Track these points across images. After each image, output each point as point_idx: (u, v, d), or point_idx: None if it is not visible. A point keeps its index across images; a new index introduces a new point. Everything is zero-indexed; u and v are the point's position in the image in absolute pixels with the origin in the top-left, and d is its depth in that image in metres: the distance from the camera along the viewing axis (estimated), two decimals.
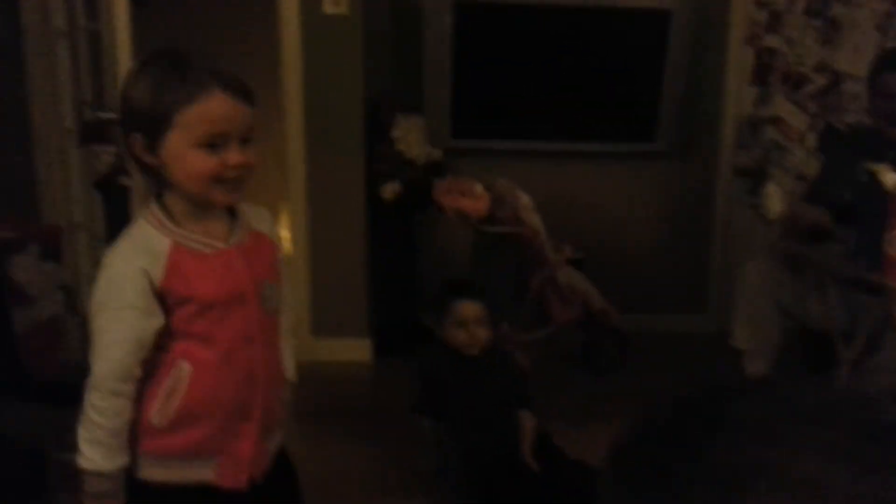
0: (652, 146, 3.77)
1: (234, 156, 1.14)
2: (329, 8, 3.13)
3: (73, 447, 2.10)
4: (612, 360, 3.22)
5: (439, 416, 2.13)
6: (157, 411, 1.19)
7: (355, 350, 3.31)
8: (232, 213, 1.25)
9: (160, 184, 1.20)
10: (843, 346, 2.45)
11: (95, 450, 1.15)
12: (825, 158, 2.87)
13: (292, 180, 3.28)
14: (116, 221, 2.82)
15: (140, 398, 1.19)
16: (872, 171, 2.12)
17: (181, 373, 1.18)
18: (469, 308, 2.14)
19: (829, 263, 2.36)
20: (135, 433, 1.21)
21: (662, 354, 3.49)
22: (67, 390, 1.99)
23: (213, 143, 1.13)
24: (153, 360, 1.18)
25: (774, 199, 3.20)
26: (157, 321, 1.16)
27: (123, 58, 2.68)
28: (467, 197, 3.06)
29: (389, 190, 3.36)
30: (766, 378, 2.78)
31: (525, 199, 3.06)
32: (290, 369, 1.39)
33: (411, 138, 3.45)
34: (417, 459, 2.42)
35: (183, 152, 1.13)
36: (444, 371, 2.16)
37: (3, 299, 1.93)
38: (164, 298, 1.16)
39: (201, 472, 1.22)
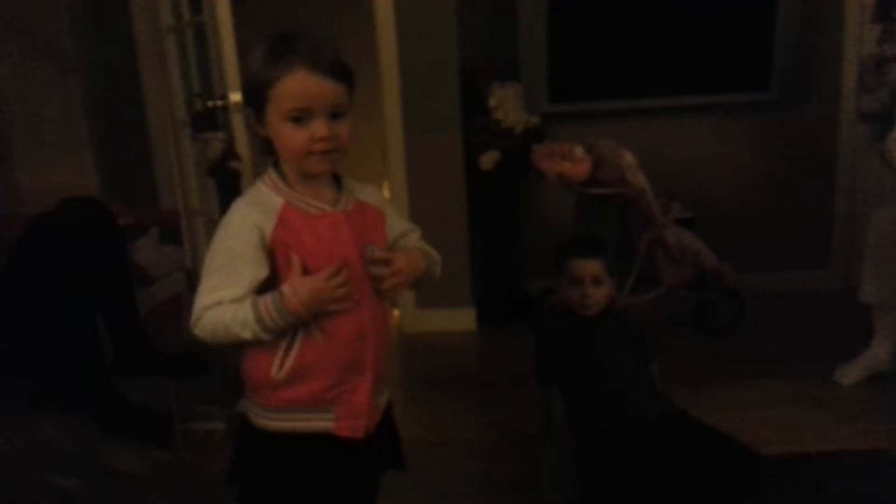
0: (765, 95, 3.56)
1: (319, 129, 1.21)
2: None
3: (197, 415, 2.24)
4: (728, 322, 3.08)
5: (557, 380, 2.05)
6: (276, 366, 1.26)
7: (460, 320, 3.33)
8: (339, 183, 1.32)
9: (274, 154, 1.29)
10: None
11: (246, 324, 1.21)
12: None
13: (391, 156, 3.32)
14: (230, 204, 2.95)
15: (260, 355, 1.27)
16: None
17: (296, 330, 1.24)
18: (583, 265, 2.00)
19: None
20: (258, 385, 1.30)
21: (782, 314, 3.32)
22: (190, 363, 2.12)
23: (299, 117, 1.21)
24: None
25: None
26: (262, 273, 1.22)
27: (228, 49, 2.78)
28: (568, 160, 3.00)
29: (488, 160, 3.34)
30: None
31: (629, 159, 2.96)
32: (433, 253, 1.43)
33: (508, 106, 3.40)
34: (523, 425, 2.42)
35: (277, 125, 1.22)
36: (559, 335, 2.05)
37: (128, 279, 2.06)
38: (273, 251, 1.22)
39: (321, 422, 1.29)
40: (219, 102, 2.92)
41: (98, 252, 1.91)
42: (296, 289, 1.21)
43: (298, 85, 1.19)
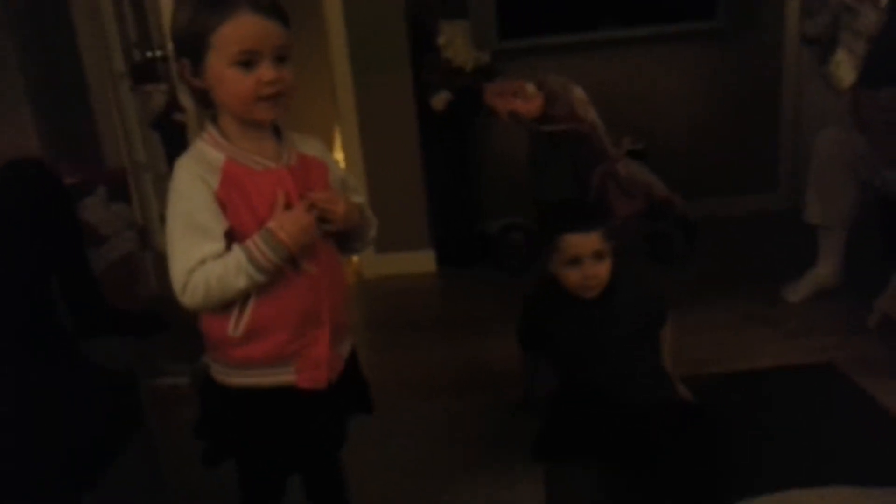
0: (711, 23, 3.58)
1: (267, 72, 1.18)
2: None
3: (161, 372, 2.23)
4: (681, 249, 3.16)
5: (544, 353, 1.92)
6: (233, 324, 1.26)
7: (419, 262, 3.35)
8: (279, 136, 1.30)
9: (211, 107, 1.25)
10: None
11: (239, 270, 1.20)
12: (893, 17, 2.66)
13: (342, 102, 3.27)
14: (176, 158, 2.88)
15: (216, 314, 1.26)
16: None
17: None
18: (582, 242, 1.75)
19: None
20: (217, 343, 1.30)
21: (732, 237, 3.42)
22: (150, 320, 2.10)
23: (246, 62, 1.17)
24: None
25: (845, 67, 3.01)
26: (224, 221, 1.20)
27: None
28: (520, 98, 3.00)
29: (440, 100, 3.31)
30: None
31: (579, 94, 2.97)
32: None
33: (457, 44, 3.36)
34: (485, 362, 2.48)
35: (221, 72, 1.18)
36: (553, 321, 1.84)
37: (78, 240, 2.01)
38: (222, 209, 1.20)
39: (282, 376, 1.29)
40: (158, 52, 2.82)
41: (47, 215, 1.87)
42: (282, 223, 1.21)
43: (245, 27, 1.16)
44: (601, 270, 1.76)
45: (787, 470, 1.79)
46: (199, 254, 1.19)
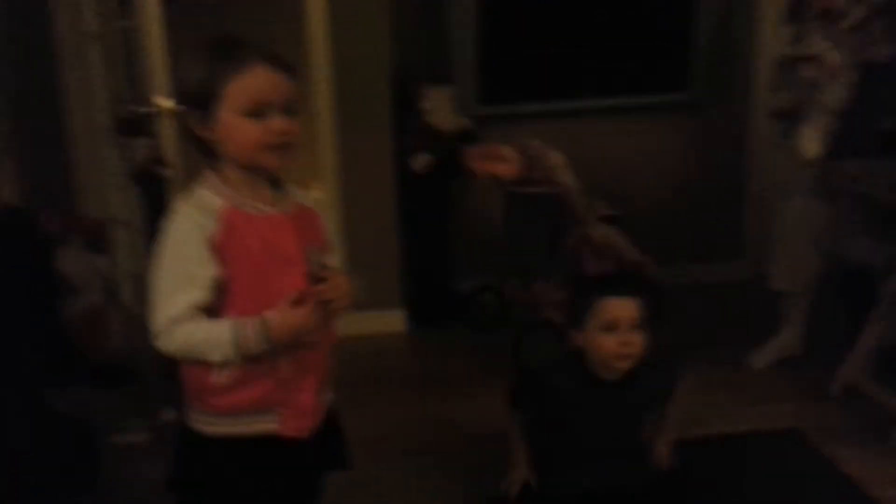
0: (683, 96, 3.71)
1: (278, 123, 1.23)
2: None
3: (122, 429, 2.20)
4: (649, 313, 3.19)
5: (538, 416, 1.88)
6: (219, 370, 1.26)
7: (389, 321, 3.35)
8: (276, 186, 1.34)
9: (213, 157, 1.29)
10: (884, 280, 2.39)
11: (220, 345, 1.21)
12: (861, 90, 2.79)
13: (322, 157, 3.33)
14: (154, 212, 2.91)
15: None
16: None
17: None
18: (621, 307, 1.71)
19: (874, 195, 2.30)
20: (199, 391, 1.30)
21: (699, 303, 3.46)
22: (119, 373, 2.10)
23: (258, 113, 1.23)
24: None
25: (811, 140, 3.12)
26: (214, 271, 1.22)
27: (156, 53, 2.73)
28: (498, 161, 3.06)
29: (420, 162, 3.38)
30: None
31: (557, 158, 3.04)
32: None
33: (441, 109, 3.45)
34: (458, 423, 2.48)
35: (232, 122, 1.23)
36: (565, 393, 1.78)
37: (53, 289, 2.03)
38: (217, 254, 1.23)
39: (265, 424, 1.30)
40: (145, 107, 2.88)
41: (24, 261, 1.89)
42: (284, 318, 1.23)
43: (258, 79, 1.22)
44: (637, 341, 1.72)
45: None
46: (185, 301, 1.21)
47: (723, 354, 2.87)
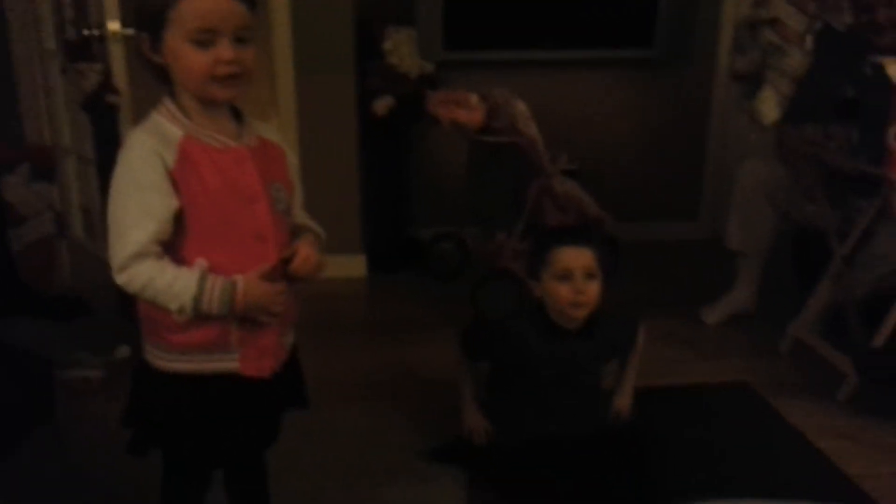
0: (649, 52, 3.70)
1: (225, 51, 1.16)
2: None
3: (74, 363, 2.14)
4: (607, 267, 3.23)
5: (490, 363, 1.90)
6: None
7: (350, 266, 3.32)
8: (238, 117, 1.27)
9: (169, 84, 1.23)
10: (836, 242, 2.47)
11: (180, 297, 1.17)
12: (820, 57, 2.83)
13: (281, 96, 3.22)
14: (105, 142, 2.78)
15: None
16: (880, 64, 2.09)
17: (199, 267, 1.20)
18: (574, 255, 1.73)
19: (830, 159, 2.35)
20: (157, 326, 1.25)
21: (655, 260, 3.53)
22: (72, 304, 2.02)
23: (204, 40, 1.15)
24: (172, 260, 1.19)
25: (770, 104, 3.16)
26: (174, 202, 1.17)
27: None
28: (462, 108, 3.02)
29: (382, 105, 3.31)
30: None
31: (522, 108, 3.02)
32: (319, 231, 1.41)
33: (403, 51, 3.37)
34: (414, 366, 2.48)
35: (179, 49, 1.16)
36: (525, 341, 1.79)
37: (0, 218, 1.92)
38: (175, 186, 1.17)
39: (225, 363, 1.26)
40: (95, 31, 2.72)
41: None
42: (250, 287, 1.19)
43: (206, 4, 1.14)
44: (591, 289, 1.73)
45: (702, 483, 1.86)
46: (146, 235, 1.15)
47: (678, 310, 2.92)
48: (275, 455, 1.48)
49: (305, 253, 1.28)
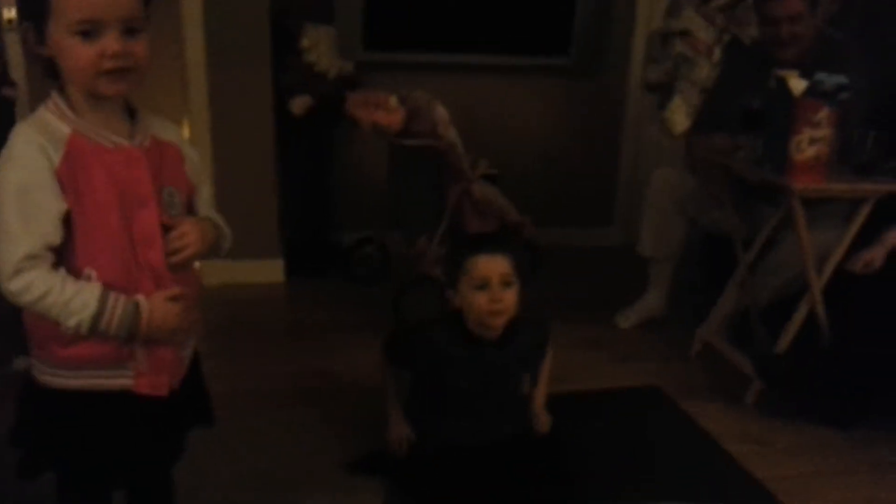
0: (565, 60, 3.77)
1: (111, 44, 1.09)
2: None
3: None
4: (526, 272, 3.26)
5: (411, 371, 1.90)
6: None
7: (267, 271, 3.23)
8: (132, 116, 1.20)
9: (57, 77, 1.15)
10: (742, 249, 2.57)
11: (78, 313, 1.10)
12: (728, 69, 2.94)
13: (193, 93, 3.09)
14: (2, 136, 2.60)
15: None
16: (782, 77, 2.18)
17: (88, 279, 1.13)
18: (490, 264, 1.73)
19: (736, 168, 2.44)
20: (44, 339, 1.17)
21: (569, 265, 3.59)
22: None
23: (88, 31, 1.08)
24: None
25: (680, 114, 3.27)
26: (62, 204, 1.09)
27: None
28: (382, 110, 2.98)
29: (299, 104, 3.23)
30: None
31: (441, 112, 3.01)
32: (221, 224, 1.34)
33: (321, 49, 3.30)
34: (333, 374, 2.43)
35: (61, 41, 1.09)
36: (443, 351, 1.79)
37: None
38: (62, 188, 1.09)
39: (118, 379, 1.19)
40: None
41: None
42: (154, 310, 1.14)
43: None
44: (509, 297, 1.74)
45: (615, 486, 1.90)
46: (36, 241, 1.07)
47: (593, 315, 2.98)
48: (187, 469, 1.41)
49: (183, 226, 1.21)
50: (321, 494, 1.83)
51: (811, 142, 2.16)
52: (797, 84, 2.16)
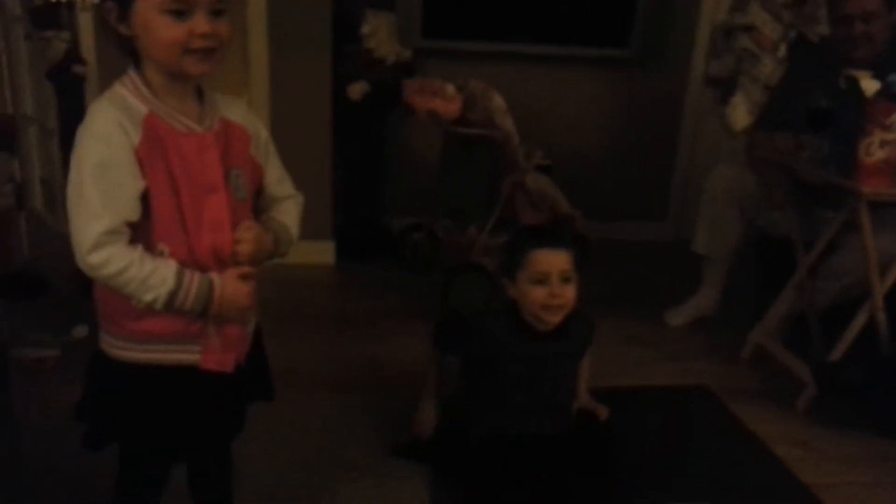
0: (624, 52, 3.72)
1: (201, 24, 1.11)
2: None
3: (27, 342, 2.07)
4: (577, 264, 3.25)
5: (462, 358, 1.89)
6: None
7: (318, 252, 3.28)
8: (201, 98, 1.22)
9: (134, 57, 1.17)
10: (801, 252, 2.51)
11: (155, 289, 1.13)
12: (794, 67, 2.86)
13: (254, 75, 3.15)
14: (69, 113, 2.69)
15: None
16: (854, 78, 2.11)
17: (160, 256, 1.15)
18: (551, 259, 1.70)
19: (799, 168, 2.38)
20: (115, 313, 1.19)
21: (621, 260, 3.56)
22: (31, 283, 1.94)
23: (180, 10, 1.10)
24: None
25: (741, 110, 3.20)
26: (141, 182, 1.11)
27: None
28: (439, 97, 2.99)
29: (357, 90, 3.27)
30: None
31: (499, 102, 3.00)
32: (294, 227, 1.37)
33: (381, 36, 3.32)
34: (379, 359, 2.46)
35: (152, 18, 1.11)
36: (497, 341, 1.77)
37: None
38: (140, 167, 1.11)
39: (186, 355, 1.21)
40: None
41: None
42: (226, 287, 1.17)
43: None
44: (568, 293, 1.71)
45: (660, 483, 1.88)
46: (116, 217, 1.09)
47: (642, 311, 2.95)
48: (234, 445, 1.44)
49: (247, 237, 1.22)
50: (366, 479, 1.84)
51: (882, 144, 2.09)
52: (870, 85, 2.09)
